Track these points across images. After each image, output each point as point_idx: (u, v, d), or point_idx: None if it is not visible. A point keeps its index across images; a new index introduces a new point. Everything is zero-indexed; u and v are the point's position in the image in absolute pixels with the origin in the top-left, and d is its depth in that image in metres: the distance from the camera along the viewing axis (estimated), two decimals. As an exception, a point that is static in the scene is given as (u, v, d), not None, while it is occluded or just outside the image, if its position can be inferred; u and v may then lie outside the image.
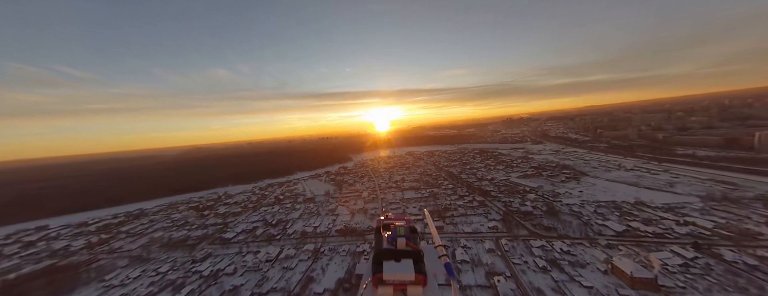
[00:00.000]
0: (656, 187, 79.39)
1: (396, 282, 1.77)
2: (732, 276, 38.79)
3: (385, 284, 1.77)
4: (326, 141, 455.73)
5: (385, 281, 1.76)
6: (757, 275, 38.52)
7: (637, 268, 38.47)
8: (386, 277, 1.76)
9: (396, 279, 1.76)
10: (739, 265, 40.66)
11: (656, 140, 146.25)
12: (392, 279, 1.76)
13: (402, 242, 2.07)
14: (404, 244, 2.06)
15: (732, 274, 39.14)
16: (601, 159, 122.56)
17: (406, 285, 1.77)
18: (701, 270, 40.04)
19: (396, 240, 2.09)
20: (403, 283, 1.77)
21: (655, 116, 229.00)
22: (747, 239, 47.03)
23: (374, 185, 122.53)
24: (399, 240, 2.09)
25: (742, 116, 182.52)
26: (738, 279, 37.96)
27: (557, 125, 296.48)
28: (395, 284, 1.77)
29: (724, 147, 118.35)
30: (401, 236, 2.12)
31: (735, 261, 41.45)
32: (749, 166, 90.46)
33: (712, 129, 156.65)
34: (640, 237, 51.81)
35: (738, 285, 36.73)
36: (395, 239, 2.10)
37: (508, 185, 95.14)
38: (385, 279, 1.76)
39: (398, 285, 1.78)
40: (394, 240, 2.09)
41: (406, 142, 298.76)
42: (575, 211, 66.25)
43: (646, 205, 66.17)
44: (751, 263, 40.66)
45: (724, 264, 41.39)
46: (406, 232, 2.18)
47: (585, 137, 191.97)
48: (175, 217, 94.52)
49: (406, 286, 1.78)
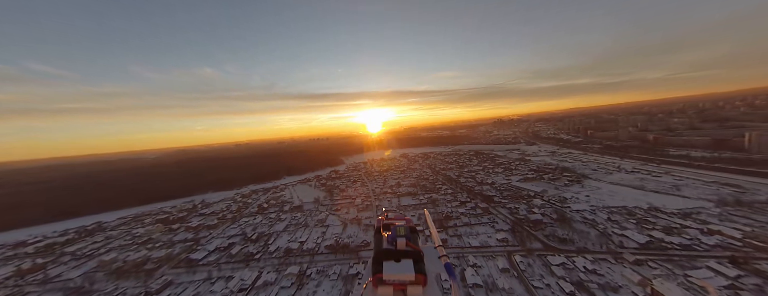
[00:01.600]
0: (663, 190, 76.28)
1: (396, 282, 1.76)
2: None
3: (385, 284, 1.76)
4: (317, 143, 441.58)
5: (385, 281, 1.75)
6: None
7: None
8: (386, 277, 1.75)
9: (396, 279, 1.75)
10: None
11: (647, 141, 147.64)
12: (392, 279, 1.75)
13: (402, 242, 2.03)
14: (404, 244, 2.02)
15: (783, 296, 34.17)
16: (599, 161, 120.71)
17: (406, 285, 1.76)
18: (752, 292, 34.82)
19: (396, 240, 2.05)
20: (403, 283, 1.76)
21: (638, 117, 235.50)
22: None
23: (368, 190, 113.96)
24: (399, 240, 2.05)
25: (721, 118, 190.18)
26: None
27: (547, 126, 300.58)
28: (395, 284, 1.76)
29: (714, 148, 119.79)
30: (401, 236, 2.07)
31: (780, 279, 36.71)
32: (746, 167, 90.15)
33: (696, 130, 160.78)
34: (667, 249, 46.70)
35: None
36: (395, 239, 2.06)
37: (511, 190, 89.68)
38: (385, 279, 1.75)
39: (398, 285, 1.77)
40: (394, 240, 2.05)
41: (400, 143, 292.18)
42: (588, 219, 61.00)
43: (661, 211, 62.05)
44: None
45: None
46: (406, 232, 2.13)
47: (577, 138, 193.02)
48: (138, 232, 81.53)
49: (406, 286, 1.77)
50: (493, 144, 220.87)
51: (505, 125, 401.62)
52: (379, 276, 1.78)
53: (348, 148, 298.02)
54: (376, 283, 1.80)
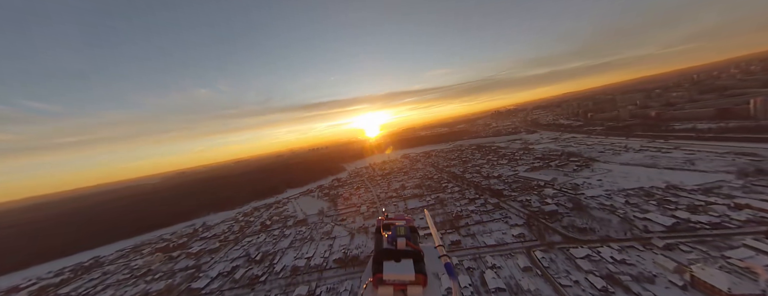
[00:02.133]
0: (677, 166, 73.32)
1: (396, 282, 1.75)
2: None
3: (385, 284, 1.75)
4: (317, 152, 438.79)
5: (385, 281, 1.74)
6: None
7: (731, 281, 29.33)
8: (386, 277, 1.74)
9: (396, 279, 1.74)
10: None
11: (650, 118, 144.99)
12: (392, 279, 1.74)
13: (402, 242, 2.03)
14: (404, 244, 2.02)
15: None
16: (604, 143, 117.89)
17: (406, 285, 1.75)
18: None
19: (396, 240, 2.04)
20: (404, 283, 1.75)
21: (635, 95, 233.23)
22: (819, 218, 39.81)
23: (373, 196, 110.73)
24: (399, 240, 2.04)
25: (719, 88, 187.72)
26: None
27: (545, 113, 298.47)
28: (395, 284, 1.75)
29: (719, 118, 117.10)
30: (401, 236, 2.07)
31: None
32: (757, 134, 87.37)
33: (697, 102, 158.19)
34: (697, 230, 43.58)
35: None
36: (395, 239, 2.06)
37: (519, 181, 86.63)
38: (385, 279, 1.74)
39: (398, 285, 1.76)
40: (394, 240, 2.05)
41: (400, 144, 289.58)
42: (605, 205, 57.90)
43: (680, 188, 59.03)
44: None
45: (818, 257, 33.35)
46: (407, 232, 2.13)
47: (577, 122, 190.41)
48: (136, 264, 78.03)
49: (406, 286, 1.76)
50: (493, 136, 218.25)
51: (503, 115, 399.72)
52: (379, 276, 1.76)
53: (348, 154, 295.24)
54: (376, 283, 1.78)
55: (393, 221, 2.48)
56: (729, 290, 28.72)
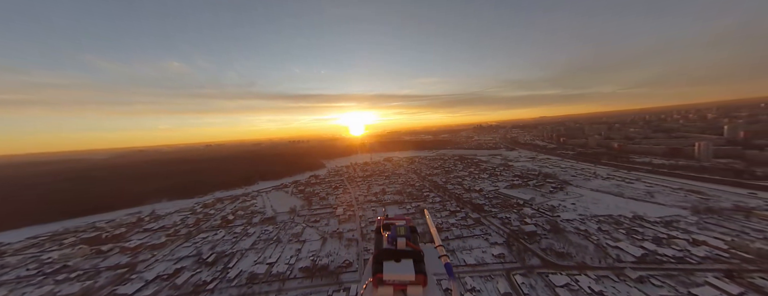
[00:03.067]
0: (640, 198, 78.99)
1: (396, 282, 1.76)
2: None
3: (385, 284, 1.76)
4: (297, 145, 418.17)
5: (385, 281, 1.75)
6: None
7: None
8: (386, 277, 1.75)
9: (396, 279, 1.76)
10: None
11: (613, 148, 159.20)
12: (392, 279, 1.75)
13: (402, 242, 2.05)
14: (404, 244, 2.04)
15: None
16: (576, 167, 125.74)
17: (406, 285, 1.77)
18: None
19: (396, 240, 2.07)
20: (403, 283, 1.76)
21: (600, 126, 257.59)
22: (761, 258, 43.58)
23: (351, 198, 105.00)
24: (399, 240, 2.06)
25: (667, 129, 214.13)
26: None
27: (522, 133, 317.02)
28: (395, 284, 1.77)
29: (669, 156, 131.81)
30: (401, 236, 2.09)
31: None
32: (700, 174, 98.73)
33: (650, 139, 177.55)
34: (663, 262, 45.46)
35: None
36: (395, 239, 2.08)
37: (500, 198, 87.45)
38: (385, 279, 1.75)
39: (398, 285, 1.77)
40: (394, 240, 2.07)
41: (383, 147, 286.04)
42: (580, 230, 59.35)
43: (644, 219, 62.76)
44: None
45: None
46: (406, 232, 2.15)
47: (551, 145, 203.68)
48: (50, 258, 63.35)
49: (406, 286, 1.77)
50: (475, 149, 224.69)
51: (485, 130, 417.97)
52: (379, 276, 1.77)
53: (330, 151, 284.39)
54: (376, 283, 1.78)
55: (393, 221, 2.39)
56: None
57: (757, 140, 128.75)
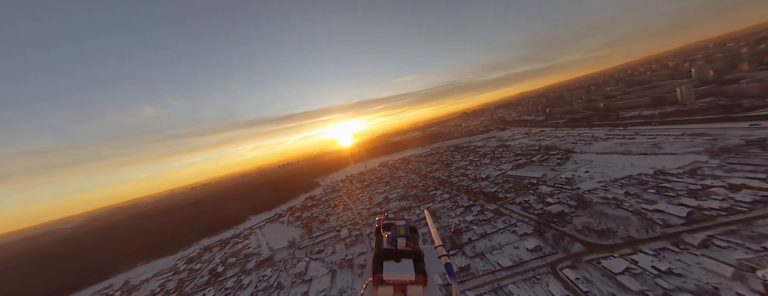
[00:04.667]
0: (649, 151, 75.71)
1: (396, 282, 1.76)
2: None
3: (386, 284, 1.76)
4: (287, 168, 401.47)
5: (385, 281, 1.75)
6: None
7: None
8: (386, 277, 1.75)
9: (396, 279, 1.75)
10: None
11: (600, 109, 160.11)
12: (392, 279, 1.75)
13: (402, 242, 2.03)
14: (404, 244, 2.03)
15: None
16: (572, 134, 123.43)
17: (406, 285, 1.77)
18: None
19: (396, 240, 2.05)
20: (404, 283, 1.76)
21: (578, 91, 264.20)
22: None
23: (353, 214, 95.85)
24: (399, 239, 2.05)
25: (640, 82, 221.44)
26: None
27: (508, 111, 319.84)
28: (395, 284, 1.77)
29: (655, 105, 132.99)
30: (401, 236, 2.08)
31: None
32: (693, 116, 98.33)
33: (630, 94, 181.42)
34: (714, 218, 40.23)
35: None
36: (395, 239, 2.06)
37: (510, 181, 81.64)
38: (386, 279, 1.75)
39: (398, 285, 1.77)
40: (395, 240, 2.05)
41: (376, 152, 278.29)
42: (608, 199, 53.90)
43: (667, 173, 58.47)
44: None
45: None
46: (407, 232, 2.14)
47: (539, 117, 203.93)
48: None
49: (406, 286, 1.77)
50: (468, 136, 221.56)
51: (471, 116, 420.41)
52: (379, 276, 1.76)
53: (322, 167, 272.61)
54: (376, 283, 1.78)
55: (393, 221, 2.38)
56: None
57: (728, 76, 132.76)
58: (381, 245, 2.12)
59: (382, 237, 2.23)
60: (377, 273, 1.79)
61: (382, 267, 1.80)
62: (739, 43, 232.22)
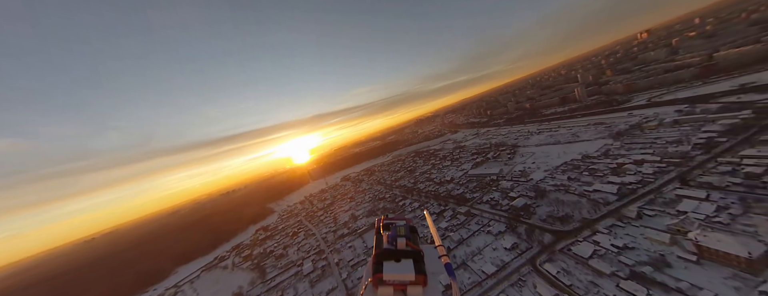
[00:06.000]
0: (572, 139, 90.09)
1: (396, 282, 1.76)
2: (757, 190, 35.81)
3: (385, 284, 1.76)
4: (232, 196, 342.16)
5: (385, 281, 1.76)
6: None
7: (746, 246, 27.48)
8: (386, 277, 1.75)
9: (396, 279, 1.76)
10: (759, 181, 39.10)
11: (527, 109, 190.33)
12: (392, 279, 1.76)
13: (402, 242, 2.03)
14: (404, 244, 2.02)
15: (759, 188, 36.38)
16: (513, 131, 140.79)
17: (406, 285, 1.77)
18: (741, 205, 35.21)
19: (396, 240, 2.04)
20: (404, 283, 1.77)
21: (506, 96, 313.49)
22: (687, 160, 50.77)
23: (317, 240, 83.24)
24: (399, 239, 2.04)
25: (548, 86, 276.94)
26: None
27: (456, 116, 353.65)
28: (395, 284, 1.77)
29: (563, 103, 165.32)
30: (401, 236, 2.06)
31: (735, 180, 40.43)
32: (590, 110, 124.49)
33: (544, 95, 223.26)
34: (636, 191, 47.39)
35: None
36: (395, 239, 2.05)
37: (473, 180, 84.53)
38: (386, 279, 1.75)
39: (398, 285, 1.78)
40: (394, 240, 2.04)
41: (336, 166, 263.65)
42: (558, 185, 59.49)
43: (590, 157, 69.02)
44: (755, 171, 40.40)
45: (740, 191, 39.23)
46: (407, 232, 2.12)
47: (483, 119, 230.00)
48: None
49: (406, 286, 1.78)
50: (426, 141, 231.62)
51: (425, 122, 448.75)
52: (379, 276, 1.77)
53: (276, 190, 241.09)
54: (376, 283, 1.78)
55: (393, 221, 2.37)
56: (749, 255, 26.59)
57: (601, 79, 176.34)
58: (381, 245, 2.07)
59: (382, 236, 2.16)
60: (377, 273, 1.78)
61: (382, 267, 1.80)
62: (598, 57, 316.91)
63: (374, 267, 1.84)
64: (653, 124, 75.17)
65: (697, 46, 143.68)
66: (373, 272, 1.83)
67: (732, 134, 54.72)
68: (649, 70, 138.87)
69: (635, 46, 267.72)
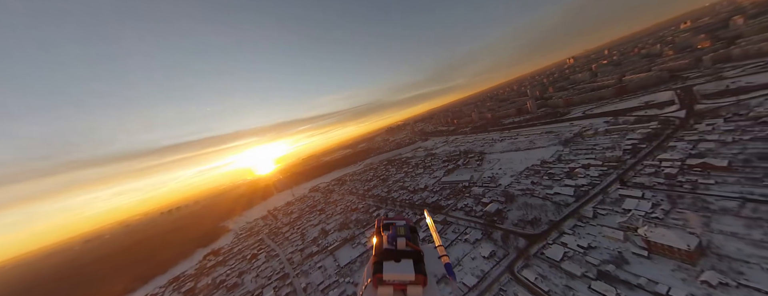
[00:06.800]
0: (530, 146, 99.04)
1: (396, 282, 1.77)
2: (676, 192, 41.86)
3: (385, 284, 1.77)
4: (176, 215, 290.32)
5: (385, 281, 1.77)
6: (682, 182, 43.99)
7: (685, 239, 30.77)
8: (386, 277, 1.76)
9: (396, 279, 1.77)
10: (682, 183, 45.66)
11: (489, 119, 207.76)
12: (392, 279, 1.77)
13: (402, 242, 2.03)
14: (404, 244, 2.03)
15: (676, 188, 42.48)
16: (479, 139, 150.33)
17: (406, 285, 1.78)
18: (668, 202, 40.62)
19: (396, 240, 2.04)
20: (403, 283, 1.78)
21: (469, 107, 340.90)
22: (622, 163, 58.75)
23: (281, 263, 72.95)
24: (399, 239, 2.04)
25: (505, 99, 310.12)
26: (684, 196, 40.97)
27: (425, 124, 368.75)
28: (395, 284, 1.78)
29: (518, 114, 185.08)
30: (401, 236, 2.07)
31: (661, 182, 47.03)
32: (540, 120, 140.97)
33: (501, 107, 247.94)
34: (588, 192, 52.31)
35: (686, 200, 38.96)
36: (395, 239, 2.05)
37: (446, 187, 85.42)
38: (385, 279, 1.76)
39: (398, 285, 1.79)
40: (394, 240, 2.04)
41: (304, 176, 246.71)
42: (524, 190, 62.97)
43: (548, 162, 75.86)
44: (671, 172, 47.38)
45: (665, 190, 45.48)
46: (406, 232, 2.13)
47: (451, 128, 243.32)
48: None
49: (406, 286, 1.79)
50: (397, 148, 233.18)
51: (396, 130, 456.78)
52: (379, 276, 1.77)
53: (234, 205, 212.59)
54: (376, 283, 1.79)
55: (393, 220, 2.40)
56: (688, 247, 29.77)
57: (546, 94, 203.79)
58: (381, 245, 2.08)
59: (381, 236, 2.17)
60: (377, 273, 1.79)
61: (382, 267, 1.81)
62: (541, 77, 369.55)
63: (374, 267, 1.84)
64: (591, 132, 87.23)
65: (610, 71, 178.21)
66: (373, 272, 1.82)
67: (648, 140, 65.79)
68: (580, 89, 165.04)
69: (567, 69, 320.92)
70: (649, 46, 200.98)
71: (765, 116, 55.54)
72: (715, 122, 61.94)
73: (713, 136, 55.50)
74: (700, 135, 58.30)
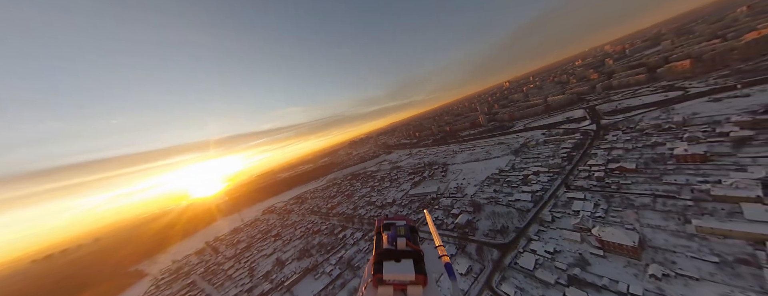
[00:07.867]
0: (487, 157, 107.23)
1: (396, 282, 1.79)
2: (612, 192, 48.10)
3: (385, 284, 1.79)
4: (60, 261, 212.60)
5: (385, 281, 1.78)
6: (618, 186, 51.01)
7: (629, 236, 33.90)
8: (386, 277, 1.78)
9: (396, 279, 1.78)
10: (610, 185, 52.60)
11: (448, 131, 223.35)
12: (392, 279, 1.79)
13: (402, 242, 2.05)
14: (404, 244, 2.04)
15: (613, 190, 48.77)
16: (440, 150, 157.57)
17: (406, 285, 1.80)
18: (606, 203, 46.09)
19: (396, 240, 2.07)
20: (403, 283, 1.79)
21: (428, 121, 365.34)
22: (562, 169, 66.97)
23: (218, 315, 56.62)
24: (399, 240, 2.07)
25: (459, 113, 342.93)
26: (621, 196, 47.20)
27: (388, 137, 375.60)
28: (395, 284, 1.80)
29: (473, 127, 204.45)
30: (401, 236, 2.09)
31: (597, 186, 53.86)
32: (492, 133, 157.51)
33: (457, 121, 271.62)
34: (542, 198, 56.70)
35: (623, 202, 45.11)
36: (395, 239, 2.08)
37: (415, 200, 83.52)
38: (386, 279, 1.78)
39: (398, 285, 1.80)
40: (395, 240, 2.07)
41: (257, 196, 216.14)
42: (489, 198, 65.17)
43: (504, 171, 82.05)
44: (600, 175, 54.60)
45: (599, 191, 51.91)
46: (407, 232, 2.15)
47: (413, 140, 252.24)
48: None
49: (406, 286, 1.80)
50: (361, 162, 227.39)
51: (359, 144, 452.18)
52: (379, 276, 1.79)
53: (157, 239, 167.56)
54: (376, 283, 1.81)
55: (393, 220, 2.43)
56: (634, 243, 32.75)
57: (493, 110, 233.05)
58: (381, 245, 2.10)
59: (382, 237, 2.20)
60: (377, 273, 1.80)
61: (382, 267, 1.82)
62: (486, 95, 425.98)
63: (374, 267, 1.86)
64: (533, 143, 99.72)
65: (536, 93, 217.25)
66: (373, 272, 1.83)
67: (577, 149, 77.84)
68: (518, 106, 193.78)
69: (505, 90, 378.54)
70: (559, 76, 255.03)
71: (646, 128, 72.08)
72: (617, 133, 77.52)
73: (619, 144, 68.63)
74: (610, 144, 71.51)
